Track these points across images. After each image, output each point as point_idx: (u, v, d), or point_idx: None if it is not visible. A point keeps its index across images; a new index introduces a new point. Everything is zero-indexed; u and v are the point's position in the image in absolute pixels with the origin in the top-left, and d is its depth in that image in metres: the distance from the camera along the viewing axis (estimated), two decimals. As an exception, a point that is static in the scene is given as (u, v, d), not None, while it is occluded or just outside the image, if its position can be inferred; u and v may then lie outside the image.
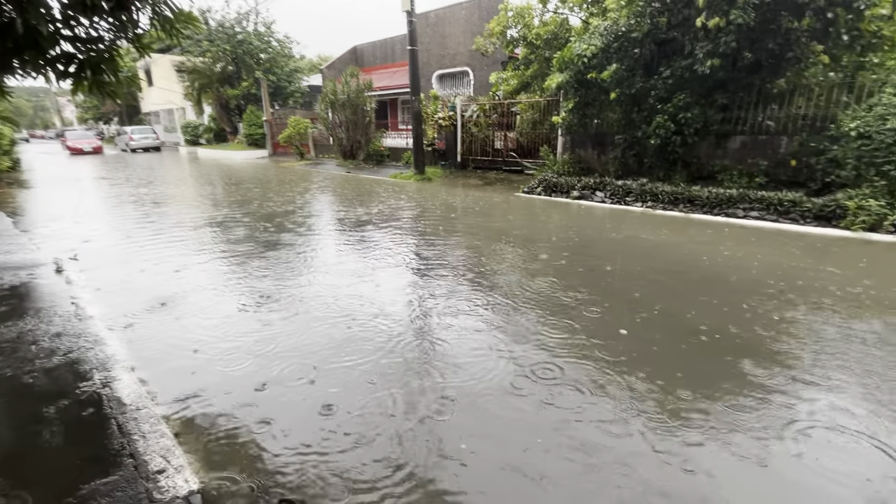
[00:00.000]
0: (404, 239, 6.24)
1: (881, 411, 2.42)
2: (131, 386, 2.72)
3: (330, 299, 4.06)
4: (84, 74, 4.14)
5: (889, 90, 6.40)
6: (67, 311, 3.83)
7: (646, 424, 2.33)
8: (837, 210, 6.38)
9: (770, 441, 2.20)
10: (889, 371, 2.80)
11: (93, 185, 12.67)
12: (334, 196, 10.35)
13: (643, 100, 8.83)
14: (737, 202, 7.24)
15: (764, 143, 8.16)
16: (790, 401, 2.51)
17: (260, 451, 2.20)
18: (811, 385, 2.66)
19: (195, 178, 14.31)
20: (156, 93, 33.57)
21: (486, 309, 3.82)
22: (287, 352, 3.14)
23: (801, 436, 2.24)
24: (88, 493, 1.91)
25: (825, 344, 3.15)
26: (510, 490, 1.96)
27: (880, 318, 3.55)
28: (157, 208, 8.78)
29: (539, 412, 2.45)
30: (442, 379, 2.78)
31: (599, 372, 2.83)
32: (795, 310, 3.71)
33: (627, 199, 8.42)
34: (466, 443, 2.23)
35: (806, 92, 7.86)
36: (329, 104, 16.59)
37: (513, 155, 12.90)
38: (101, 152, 25.81)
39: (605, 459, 2.11)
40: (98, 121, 46.27)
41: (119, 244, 6.09)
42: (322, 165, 17.42)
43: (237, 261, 5.27)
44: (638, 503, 1.88)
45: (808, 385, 2.66)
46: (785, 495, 1.93)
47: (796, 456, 2.11)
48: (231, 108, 25.61)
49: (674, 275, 4.65)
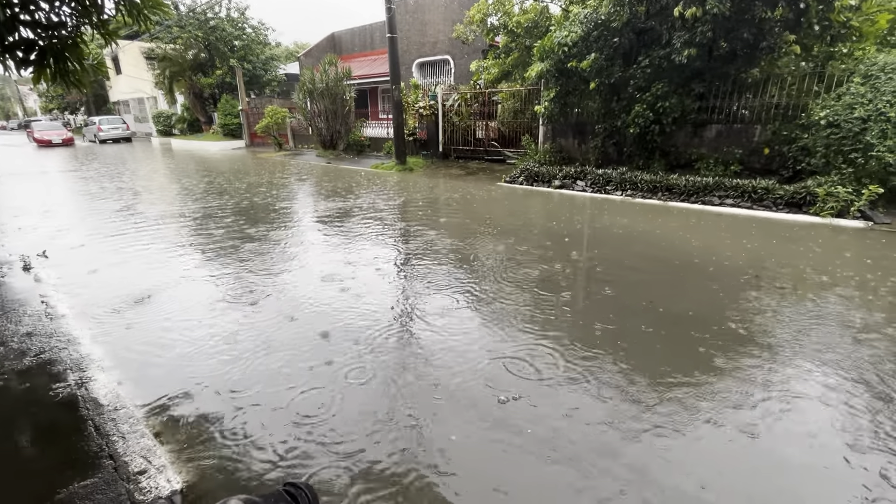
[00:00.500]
0: (385, 230, 6.19)
1: (818, 366, 2.54)
2: (108, 386, 2.65)
3: (309, 293, 4.02)
4: (46, 62, 3.93)
5: (857, 80, 6.59)
6: (37, 310, 3.70)
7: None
8: (808, 197, 6.59)
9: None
10: (839, 338, 2.94)
11: (61, 179, 12.16)
12: (314, 187, 10.18)
13: (622, 89, 8.91)
14: (713, 190, 7.41)
15: (739, 131, 8.34)
16: (738, 357, 2.61)
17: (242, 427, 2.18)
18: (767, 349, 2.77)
19: (169, 171, 13.88)
20: (124, 81, 32.23)
21: (468, 301, 3.84)
22: (264, 347, 3.11)
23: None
24: (66, 497, 1.86)
25: (790, 321, 3.28)
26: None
27: (837, 296, 3.71)
28: (130, 203, 8.49)
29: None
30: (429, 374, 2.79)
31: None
32: (759, 291, 3.85)
33: (608, 187, 8.52)
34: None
35: (779, 81, 8.05)
36: (307, 93, 16.22)
37: (494, 144, 12.88)
38: (72, 144, 24.23)
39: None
40: (63, 111, 44.26)
41: (90, 240, 5.88)
42: (301, 156, 17.09)
43: (214, 256, 5.16)
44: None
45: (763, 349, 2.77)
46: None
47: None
48: (205, 98, 24.78)
49: (652, 261, 4.75)
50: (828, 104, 6.72)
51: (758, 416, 2.32)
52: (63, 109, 43.88)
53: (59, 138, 23.64)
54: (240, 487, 1.94)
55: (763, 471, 1.99)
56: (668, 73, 8.16)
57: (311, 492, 0.62)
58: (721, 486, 1.91)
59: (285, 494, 0.60)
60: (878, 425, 2.25)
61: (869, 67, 6.55)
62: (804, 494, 1.90)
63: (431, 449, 2.14)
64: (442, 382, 2.65)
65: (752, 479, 1.95)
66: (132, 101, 34.79)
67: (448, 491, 1.92)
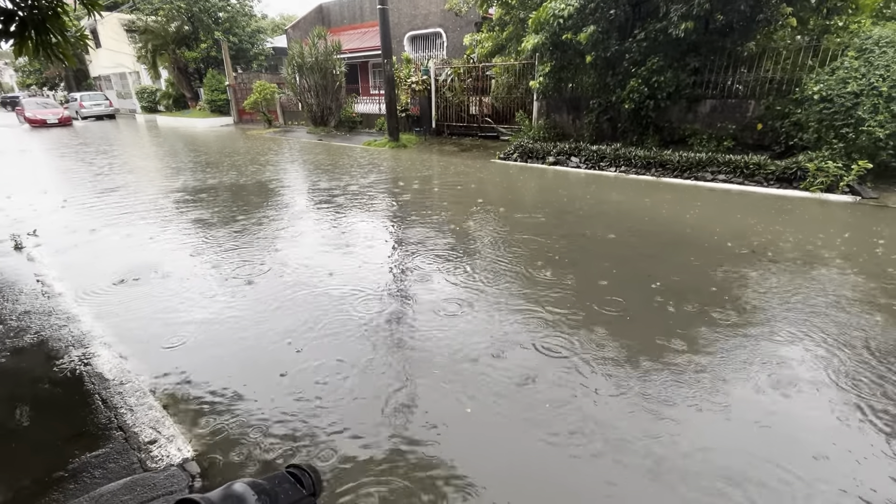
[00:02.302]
0: (380, 208, 6.18)
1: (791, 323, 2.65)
2: (112, 361, 2.68)
3: (303, 271, 4.04)
4: (27, 34, 3.80)
5: (851, 53, 6.58)
6: (33, 288, 3.69)
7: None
8: (798, 172, 6.66)
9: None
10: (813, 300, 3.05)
11: (45, 158, 11.87)
12: (306, 165, 10.06)
13: (618, 63, 8.80)
14: (706, 166, 7.45)
15: (733, 106, 8.33)
16: (716, 315, 2.72)
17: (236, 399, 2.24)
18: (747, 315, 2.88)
19: (156, 149, 13.59)
20: (105, 55, 31.05)
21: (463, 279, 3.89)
22: (260, 321, 3.15)
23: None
24: (80, 465, 1.92)
25: (776, 291, 3.38)
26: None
27: (823, 266, 3.82)
28: (119, 181, 8.35)
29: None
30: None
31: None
32: (747, 261, 3.94)
33: (602, 164, 8.53)
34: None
35: (774, 55, 8.00)
36: (296, 68, 15.79)
37: (488, 120, 12.75)
38: (70, 124, 21.74)
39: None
40: (43, 86, 42.70)
41: (81, 219, 5.81)
42: (292, 133, 16.79)
43: (208, 234, 5.13)
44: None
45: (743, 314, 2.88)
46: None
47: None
48: (190, 73, 24.02)
49: (644, 235, 4.82)
50: (821, 78, 6.72)
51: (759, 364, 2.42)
52: (42, 85, 42.37)
53: (54, 117, 21.25)
54: (249, 455, 2.00)
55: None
56: (664, 46, 8.07)
57: (314, 473, 0.62)
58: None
59: (289, 476, 0.60)
60: (853, 372, 2.37)
61: (863, 41, 6.53)
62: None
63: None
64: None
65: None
66: (114, 76, 33.63)
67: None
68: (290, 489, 0.58)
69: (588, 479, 1.88)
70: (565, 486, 1.85)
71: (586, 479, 1.89)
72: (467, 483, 1.85)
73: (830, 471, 1.89)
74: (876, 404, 2.25)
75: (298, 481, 0.60)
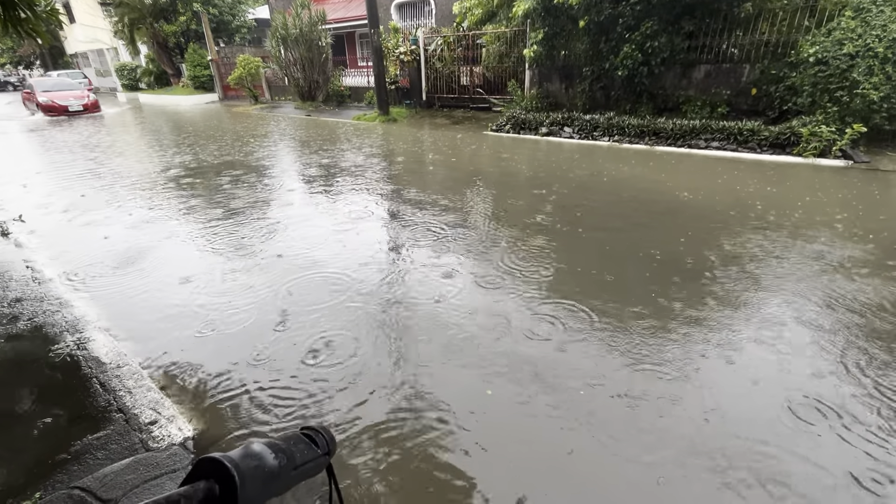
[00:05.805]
0: (374, 186, 6.11)
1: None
2: (108, 345, 2.69)
3: (301, 251, 4.02)
4: (-6, 10, 3.62)
5: (848, 13, 6.44)
6: (23, 275, 3.65)
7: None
8: (792, 137, 6.63)
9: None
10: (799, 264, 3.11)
11: (24, 140, 11.55)
12: (295, 142, 9.87)
13: (611, 28, 8.58)
14: (699, 133, 7.39)
15: (727, 71, 8.20)
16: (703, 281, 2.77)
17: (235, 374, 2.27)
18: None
19: (141, 128, 13.25)
20: (80, 30, 29.78)
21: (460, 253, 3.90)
22: (252, 302, 3.15)
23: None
24: (82, 447, 1.95)
25: (770, 253, 3.42)
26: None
27: (814, 230, 3.85)
28: (105, 163, 8.17)
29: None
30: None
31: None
32: (741, 233, 3.97)
33: (595, 133, 8.43)
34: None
35: (770, 16, 7.82)
36: (280, 40, 15.27)
37: (480, 91, 12.48)
38: (98, 110, 16.27)
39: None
40: (17, 65, 41.12)
41: (67, 203, 5.71)
42: (279, 109, 16.39)
43: (199, 215, 5.07)
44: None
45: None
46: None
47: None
48: (170, 47, 23.13)
49: (640, 204, 4.82)
50: (817, 40, 6.60)
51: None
52: (17, 64, 40.79)
53: (78, 103, 15.38)
54: (251, 430, 2.04)
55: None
56: (659, 9, 7.85)
57: (328, 433, 0.63)
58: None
59: (304, 437, 0.62)
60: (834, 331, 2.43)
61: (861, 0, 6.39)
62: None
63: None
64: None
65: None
66: (91, 52, 32.40)
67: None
68: (305, 449, 0.59)
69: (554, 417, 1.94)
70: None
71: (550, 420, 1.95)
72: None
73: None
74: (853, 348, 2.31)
75: (313, 441, 0.62)
